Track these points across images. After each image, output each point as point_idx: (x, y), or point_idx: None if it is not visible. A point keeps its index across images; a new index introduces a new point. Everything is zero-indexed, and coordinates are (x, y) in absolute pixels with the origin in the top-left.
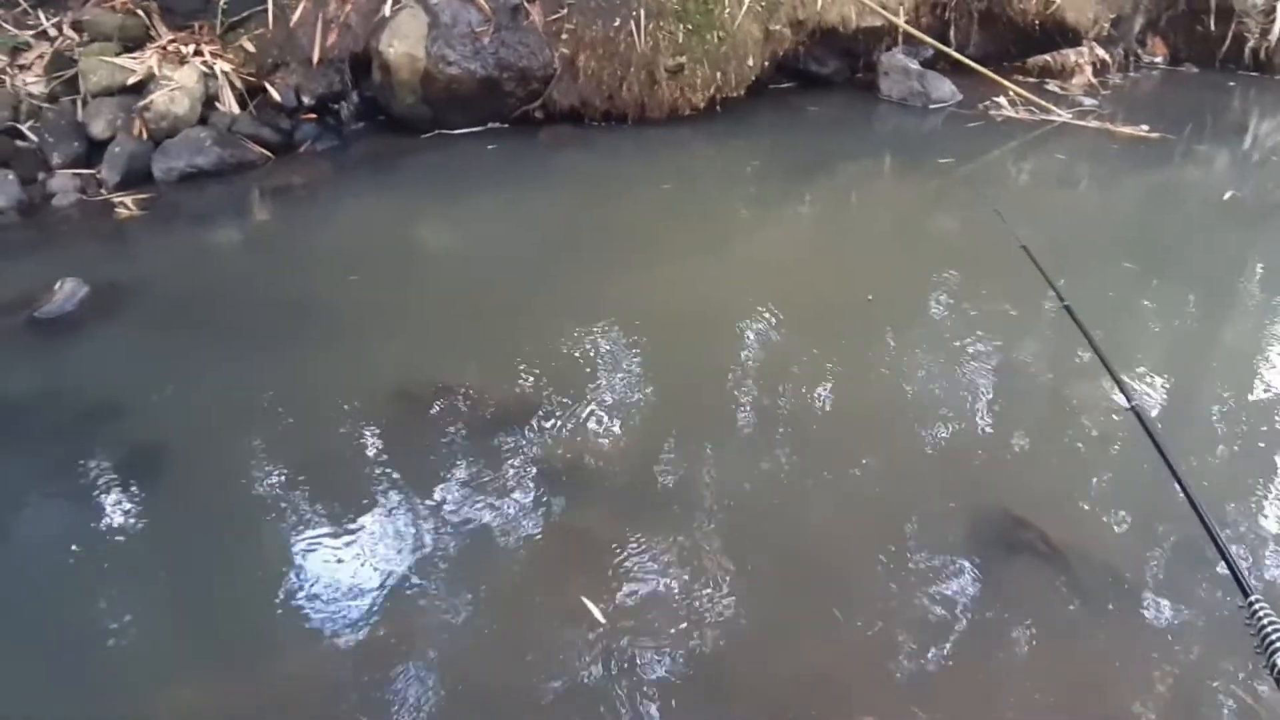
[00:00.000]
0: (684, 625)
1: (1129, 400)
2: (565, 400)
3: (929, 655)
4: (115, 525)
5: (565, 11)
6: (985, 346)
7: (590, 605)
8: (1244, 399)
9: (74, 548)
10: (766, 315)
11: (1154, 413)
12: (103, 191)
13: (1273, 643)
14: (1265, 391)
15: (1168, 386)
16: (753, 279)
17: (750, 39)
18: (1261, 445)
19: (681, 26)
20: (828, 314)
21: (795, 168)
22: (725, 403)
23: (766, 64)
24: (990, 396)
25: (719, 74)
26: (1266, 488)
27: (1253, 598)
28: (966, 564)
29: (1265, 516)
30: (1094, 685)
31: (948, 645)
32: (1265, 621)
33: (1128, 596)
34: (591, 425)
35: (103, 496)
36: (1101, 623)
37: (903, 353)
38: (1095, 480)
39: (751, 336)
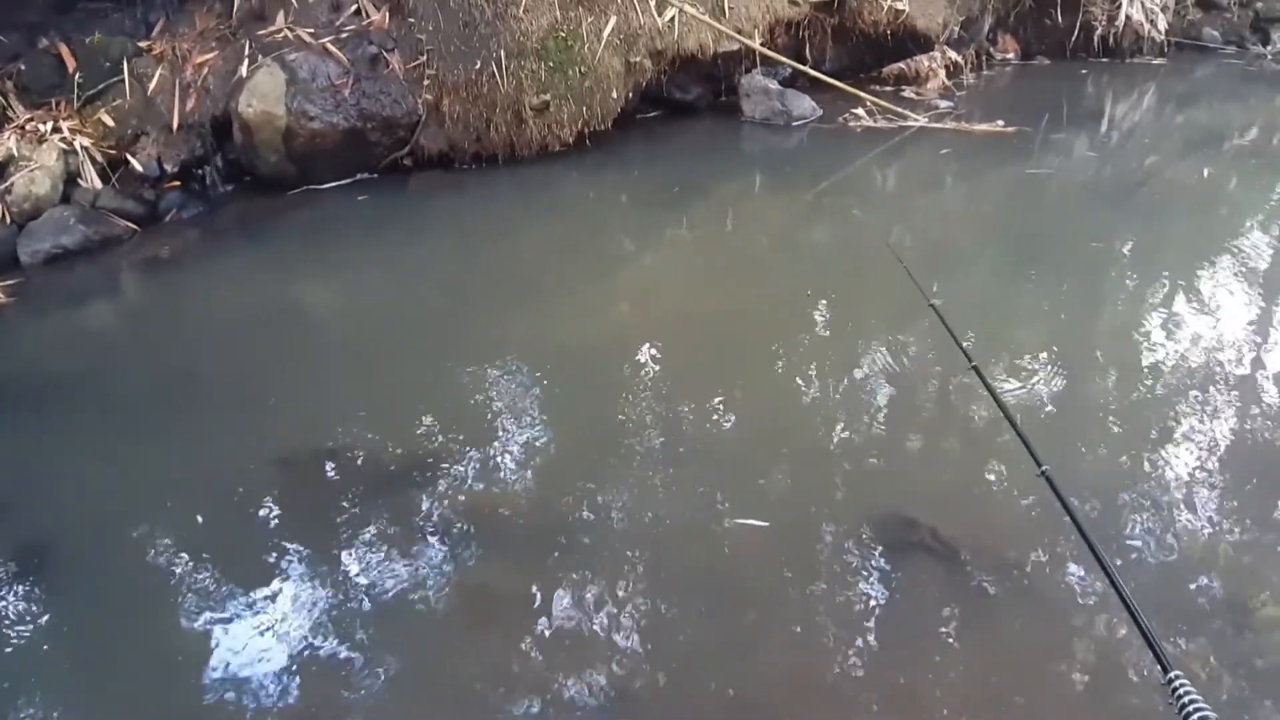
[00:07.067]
0: (604, 664)
1: (1039, 466)
2: (462, 452)
3: (844, 662)
4: (5, 629)
5: (425, 57)
6: (868, 354)
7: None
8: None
9: None
10: (656, 344)
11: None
12: None
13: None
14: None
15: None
16: (639, 309)
17: (612, 72)
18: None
19: (543, 64)
20: (716, 336)
21: (669, 195)
22: (623, 435)
23: (631, 95)
24: (874, 403)
25: (585, 108)
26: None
27: (1172, 673)
28: (867, 567)
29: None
30: (1001, 673)
31: (860, 649)
32: (1186, 699)
33: (1018, 585)
34: (491, 475)
35: None
36: (999, 612)
37: (791, 367)
38: (978, 477)
39: (642, 366)
